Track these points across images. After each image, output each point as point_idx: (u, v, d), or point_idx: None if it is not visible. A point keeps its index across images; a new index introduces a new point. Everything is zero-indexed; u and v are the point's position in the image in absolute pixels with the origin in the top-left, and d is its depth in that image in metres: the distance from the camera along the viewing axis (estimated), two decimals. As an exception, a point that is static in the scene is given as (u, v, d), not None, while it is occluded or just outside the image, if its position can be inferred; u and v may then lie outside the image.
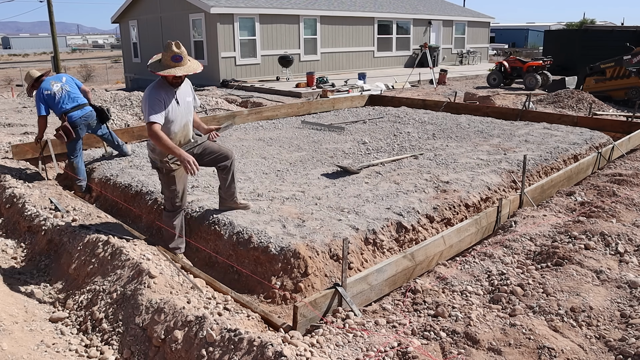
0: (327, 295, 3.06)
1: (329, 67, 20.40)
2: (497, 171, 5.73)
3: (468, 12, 27.97)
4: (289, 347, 2.46)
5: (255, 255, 3.94)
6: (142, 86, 20.34)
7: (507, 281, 3.31)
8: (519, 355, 2.58)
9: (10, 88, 22.78)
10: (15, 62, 55.48)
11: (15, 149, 6.87)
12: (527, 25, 57.30)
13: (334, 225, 4.20)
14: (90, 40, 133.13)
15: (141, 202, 5.15)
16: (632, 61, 12.71)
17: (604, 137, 7.62)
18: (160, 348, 2.78)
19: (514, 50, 37.41)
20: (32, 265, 4.17)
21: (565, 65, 18.54)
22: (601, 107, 11.52)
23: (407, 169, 5.88)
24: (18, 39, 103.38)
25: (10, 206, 5.10)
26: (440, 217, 4.68)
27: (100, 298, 3.27)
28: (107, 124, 6.30)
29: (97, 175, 6.09)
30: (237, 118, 9.30)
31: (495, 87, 16.67)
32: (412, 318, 2.98)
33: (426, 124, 8.70)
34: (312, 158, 6.55)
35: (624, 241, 3.81)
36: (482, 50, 27.81)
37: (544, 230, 4.13)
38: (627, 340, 2.66)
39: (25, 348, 2.77)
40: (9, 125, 9.41)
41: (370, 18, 21.57)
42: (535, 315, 2.93)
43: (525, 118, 9.21)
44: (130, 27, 22.04)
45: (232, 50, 17.47)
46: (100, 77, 33.70)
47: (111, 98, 11.96)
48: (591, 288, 3.17)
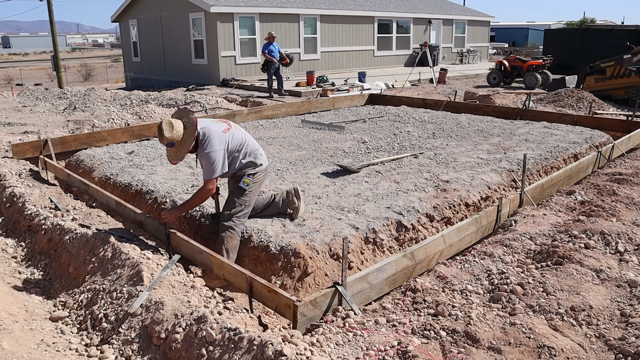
0: (327, 294, 3.06)
1: (329, 66, 20.40)
2: (497, 170, 5.73)
3: (468, 11, 27.95)
4: (289, 346, 2.46)
5: (256, 254, 3.94)
6: (141, 85, 20.35)
7: (507, 280, 3.31)
8: (519, 354, 2.58)
9: (10, 87, 22.77)
10: (15, 62, 55.45)
11: (15, 148, 6.87)
12: (527, 24, 57.29)
13: (334, 225, 4.20)
14: (90, 39, 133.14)
15: (141, 201, 5.15)
16: (632, 60, 12.70)
17: (604, 136, 7.61)
18: (161, 347, 2.79)
19: (514, 49, 37.40)
20: (32, 264, 4.17)
21: (566, 64, 18.54)
22: (601, 106, 11.51)
23: (407, 168, 5.88)
24: (18, 38, 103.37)
25: (10, 205, 5.10)
26: (440, 216, 4.68)
27: (100, 297, 3.27)
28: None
29: (97, 174, 6.09)
30: (237, 117, 9.30)
31: (495, 86, 16.67)
32: (412, 317, 2.98)
33: (426, 123, 8.70)
34: (312, 157, 6.55)
35: (624, 240, 3.81)
36: (482, 49, 27.80)
37: (544, 229, 4.13)
38: (627, 339, 2.66)
39: (26, 347, 2.77)
40: (9, 124, 9.41)
41: (370, 17, 21.56)
42: (535, 314, 2.93)
43: (525, 117, 9.21)
44: (130, 26, 22.02)
45: (232, 49, 17.46)
46: (100, 76, 33.68)
47: (111, 97, 11.96)
48: (591, 287, 3.17)
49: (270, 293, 3.06)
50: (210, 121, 3.90)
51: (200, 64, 18.08)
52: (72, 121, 9.57)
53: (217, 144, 3.73)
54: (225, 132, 3.83)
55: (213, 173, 3.73)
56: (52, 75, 28.67)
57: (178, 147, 3.74)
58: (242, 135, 3.97)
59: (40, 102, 12.78)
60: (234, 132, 3.90)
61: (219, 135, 3.77)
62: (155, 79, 20.28)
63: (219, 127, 3.84)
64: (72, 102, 11.61)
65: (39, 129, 8.24)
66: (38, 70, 40.68)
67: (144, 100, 11.76)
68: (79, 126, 9.19)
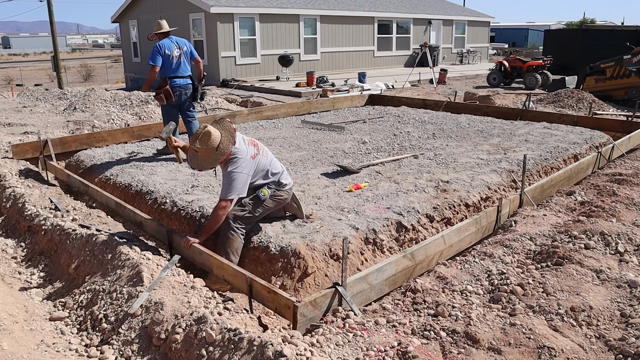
0: (327, 295, 3.06)
1: (329, 66, 20.40)
2: (497, 171, 5.73)
3: (468, 12, 27.96)
4: (289, 346, 2.46)
5: (256, 254, 3.94)
6: (141, 85, 20.35)
7: (507, 281, 3.31)
8: (519, 354, 2.58)
9: (10, 88, 22.78)
10: (15, 62, 55.49)
11: (15, 148, 6.87)
12: (527, 24, 57.33)
13: (334, 225, 4.20)
14: (90, 39, 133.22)
15: (141, 201, 5.15)
16: (632, 60, 12.71)
17: (604, 136, 7.62)
18: (161, 347, 2.79)
19: (514, 50, 37.42)
20: (32, 265, 4.17)
21: (565, 64, 18.54)
22: (601, 107, 11.51)
23: (407, 169, 5.88)
24: (18, 38, 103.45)
25: (11, 206, 5.10)
26: (440, 216, 4.68)
27: (100, 298, 3.27)
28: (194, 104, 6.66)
29: (97, 175, 6.09)
30: (237, 117, 9.31)
31: (495, 86, 16.67)
32: (412, 317, 2.98)
33: (426, 124, 8.70)
34: (312, 157, 6.55)
35: (624, 241, 3.81)
36: (482, 50, 27.81)
37: (544, 229, 4.13)
38: (627, 340, 2.66)
39: (26, 347, 2.77)
40: (9, 124, 9.41)
41: (370, 17, 21.57)
42: (535, 315, 2.93)
43: (525, 118, 9.21)
44: (130, 27, 22.04)
45: (232, 49, 17.47)
46: (100, 77, 33.69)
47: (111, 98, 11.96)
48: (591, 287, 3.17)
49: (270, 294, 3.06)
50: (242, 140, 3.90)
51: (200, 65, 18.08)
52: (72, 122, 9.57)
53: (243, 168, 3.76)
54: (254, 157, 3.88)
55: (230, 194, 3.74)
56: (52, 75, 28.69)
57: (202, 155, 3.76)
58: (267, 160, 4.00)
59: (40, 103, 12.79)
60: (260, 159, 3.93)
61: (247, 161, 3.80)
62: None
63: (250, 151, 3.86)
64: (72, 103, 11.61)
65: (39, 130, 8.24)
66: (38, 71, 40.71)
67: (144, 101, 11.77)
68: (79, 127, 9.19)
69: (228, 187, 3.74)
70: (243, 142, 3.89)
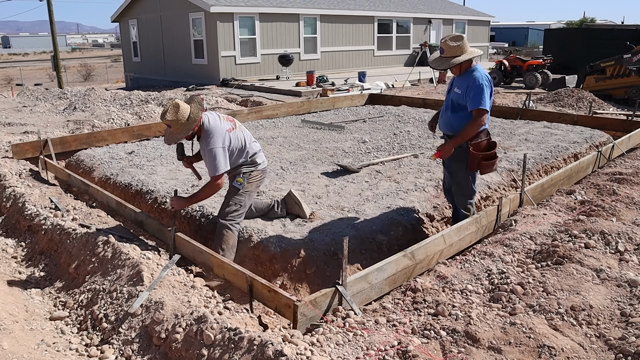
0: (327, 294, 3.06)
1: (329, 66, 20.39)
2: (497, 170, 5.73)
3: (468, 11, 27.95)
4: (289, 346, 2.46)
5: (256, 254, 3.95)
6: (141, 85, 20.35)
7: (507, 280, 3.31)
8: (519, 354, 2.58)
9: (10, 87, 22.78)
10: (15, 62, 55.48)
11: (15, 148, 6.87)
12: (527, 24, 57.27)
13: (334, 224, 4.20)
14: (90, 39, 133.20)
15: (141, 201, 5.15)
16: (633, 60, 12.70)
17: (604, 135, 7.62)
18: (161, 347, 2.79)
19: (514, 49, 37.40)
20: (32, 264, 4.17)
21: (566, 64, 18.54)
22: (601, 106, 11.51)
23: (407, 168, 5.88)
24: (18, 38, 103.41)
25: (11, 205, 5.10)
26: (440, 215, 4.68)
27: (100, 297, 3.28)
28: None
29: (97, 174, 6.09)
30: (237, 117, 9.30)
31: (495, 85, 16.67)
32: (412, 317, 2.98)
33: (426, 123, 8.69)
34: (312, 157, 6.55)
35: (624, 240, 3.81)
36: (482, 49, 27.76)
37: (544, 229, 4.13)
38: (627, 339, 2.66)
39: (26, 347, 2.77)
40: (9, 124, 9.41)
41: (370, 17, 21.55)
42: (535, 314, 2.93)
43: (525, 117, 9.21)
44: (130, 26, 22.02)
45: (232, 49, 17.46)
46: (100, 76, 33.69)
47: (111, 97, 11.96)
48: (591, 287, 3.17)
49: (271, 293, 3.06)
50: (217, 116, 3.91)
51: (200, 64, 18.08)
52: (72, 121, 9.57)
53: (220, 141, 3.75)
54: (230, 131, 3.86)
55: (217, 170, 3.74)
56: (52, 75, 28.68)
57: (175, 129, 3.74)
58: (244, 135, 3.98)
59: (40, 102, 12.79)
60: (237, 133, 3.92)
61: (222, 133, 3.78)
62: (155, 79, 20.29)
63: (225, 125, 3.85)
64: (72, 102, 11.61)
65: (39, 129, 8.24)
66: (38, 71, 40.70)
67: (144, 100, 11.77)
68: (79, 126, 9.19)
69: (212, 165, 3.74)
70: (219, 118, 3.89)
